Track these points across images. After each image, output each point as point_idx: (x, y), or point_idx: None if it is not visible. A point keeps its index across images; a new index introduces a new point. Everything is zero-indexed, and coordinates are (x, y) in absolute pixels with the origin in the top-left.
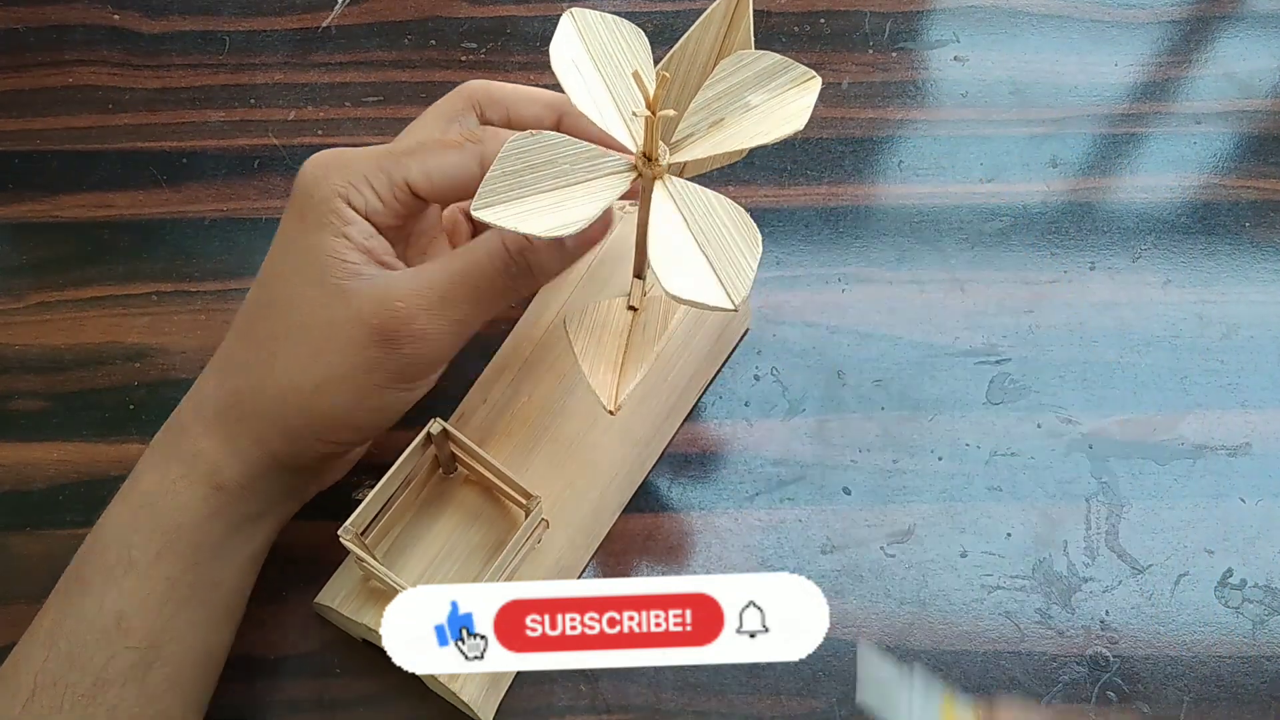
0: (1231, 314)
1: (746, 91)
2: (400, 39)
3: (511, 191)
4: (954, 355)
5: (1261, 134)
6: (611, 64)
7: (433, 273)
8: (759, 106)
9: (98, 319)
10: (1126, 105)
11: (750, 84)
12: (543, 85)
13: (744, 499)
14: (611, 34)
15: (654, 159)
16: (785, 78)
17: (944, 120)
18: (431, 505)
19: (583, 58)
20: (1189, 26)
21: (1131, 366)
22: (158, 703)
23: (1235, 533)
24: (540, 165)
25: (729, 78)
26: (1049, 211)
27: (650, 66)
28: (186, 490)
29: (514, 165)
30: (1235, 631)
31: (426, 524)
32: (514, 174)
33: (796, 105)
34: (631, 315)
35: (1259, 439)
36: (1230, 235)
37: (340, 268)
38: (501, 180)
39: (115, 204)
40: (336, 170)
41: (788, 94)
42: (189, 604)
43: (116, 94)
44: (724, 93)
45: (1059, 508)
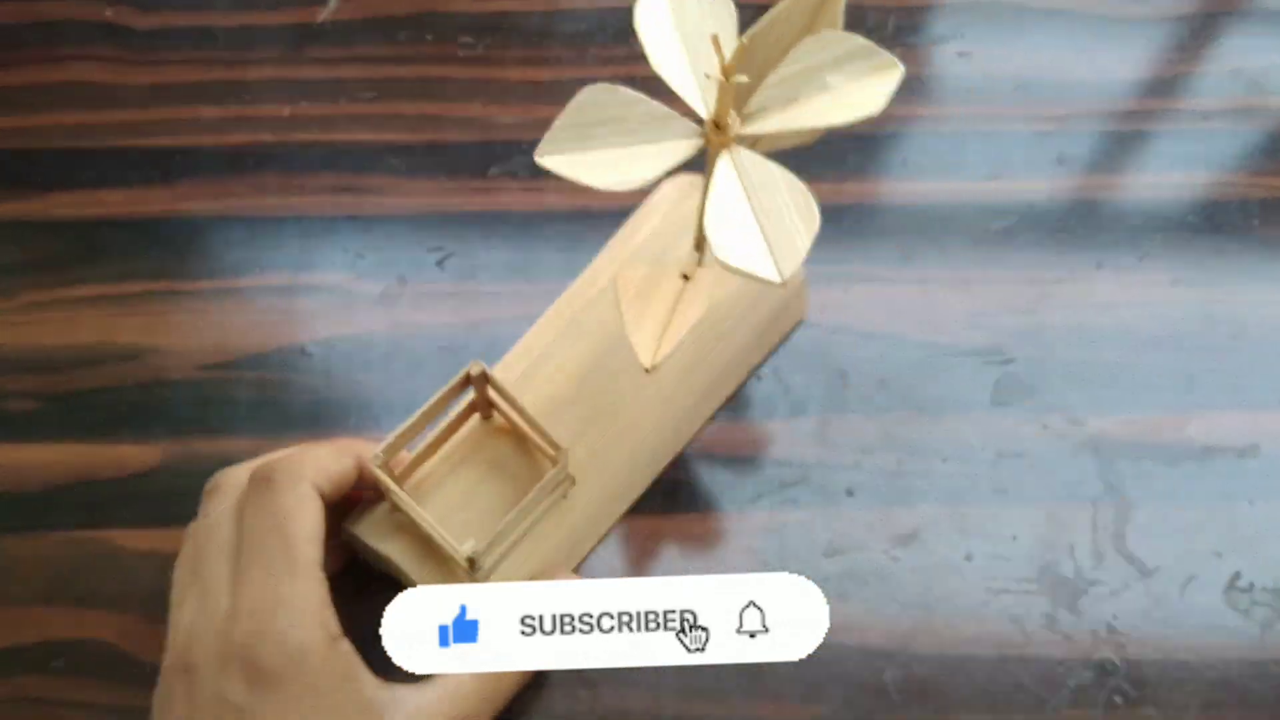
0: (1240, 313)
1: (826, 72)
2: (396, 34)
3: (577, 142)
4: (958, 355)
5: (1271, 131)
6: (695, 28)
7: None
8: (837, 88)
9: (91, 318)
10: (1133, 102)
11: (830, 65)
12: (545, 79)
13: (745, 501)
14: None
15: (724, 127)
16: (867, 62)
17: (948, 117)
18: (463, 449)
19: (666, 17)
20: (1197, 23)
21: (1138, 366)
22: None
23: (1243, 535)
24: (610, 120)
25: (810, 56)
26: (1055, 209)
27: (734, 34)
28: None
29: (584, 117)
30: (1244, 635)
31: (454, 466)
32: (582, 125)
33: (875, 90)
34: (683, 283)
35: (1268, 440)
36: (1239, 234)
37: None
38: (569, 130)
39: (108, 202)
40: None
41: (868, 79)
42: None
43: (109, 90)
44: (803, 70)
45: (1065, 510)
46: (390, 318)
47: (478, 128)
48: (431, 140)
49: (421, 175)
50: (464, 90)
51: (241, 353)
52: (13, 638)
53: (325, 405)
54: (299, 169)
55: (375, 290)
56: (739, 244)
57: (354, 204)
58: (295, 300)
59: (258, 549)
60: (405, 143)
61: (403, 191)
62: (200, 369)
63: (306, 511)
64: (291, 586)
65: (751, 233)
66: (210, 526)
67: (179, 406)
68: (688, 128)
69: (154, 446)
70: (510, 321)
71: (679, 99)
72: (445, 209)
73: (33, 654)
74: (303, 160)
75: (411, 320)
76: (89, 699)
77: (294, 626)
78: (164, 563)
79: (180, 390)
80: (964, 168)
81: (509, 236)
